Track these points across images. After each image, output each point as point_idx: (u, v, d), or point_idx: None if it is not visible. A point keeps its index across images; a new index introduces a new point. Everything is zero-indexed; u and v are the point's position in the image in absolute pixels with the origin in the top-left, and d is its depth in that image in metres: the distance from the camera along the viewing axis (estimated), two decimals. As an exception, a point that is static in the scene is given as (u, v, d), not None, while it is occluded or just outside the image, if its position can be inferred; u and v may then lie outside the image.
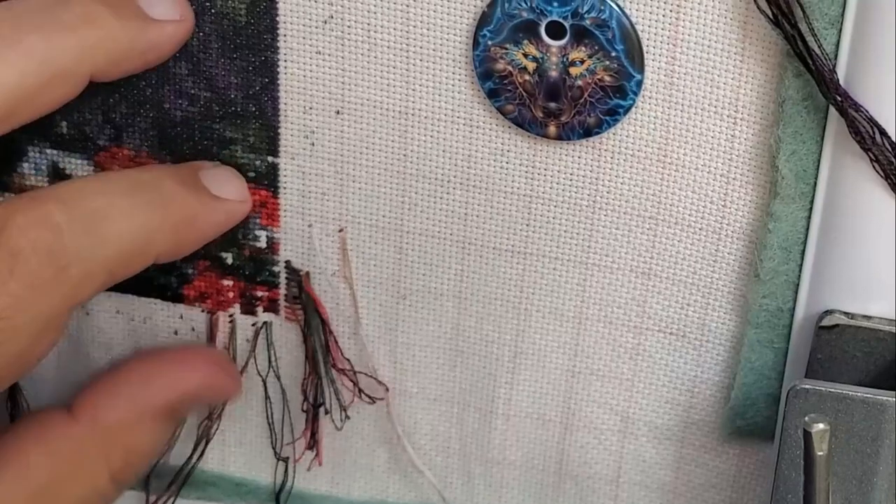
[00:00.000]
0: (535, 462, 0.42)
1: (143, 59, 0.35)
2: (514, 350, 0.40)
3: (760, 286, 0.36)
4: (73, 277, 0.33)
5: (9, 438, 0.36)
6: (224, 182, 0.37)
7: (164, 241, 0.35)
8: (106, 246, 0.34)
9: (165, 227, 0.35)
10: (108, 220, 0.34)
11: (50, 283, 0.33)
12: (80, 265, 0.33)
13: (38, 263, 0.33)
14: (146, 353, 0.39)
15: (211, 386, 0.39)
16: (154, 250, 0.35)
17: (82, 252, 0.33)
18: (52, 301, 0.33)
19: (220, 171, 0.37)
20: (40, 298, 0.33)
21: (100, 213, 0.34)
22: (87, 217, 0.34)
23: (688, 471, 0.41)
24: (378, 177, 0.38)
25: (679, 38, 0.34)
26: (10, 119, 0.33)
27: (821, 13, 0.32)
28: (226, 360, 0.40)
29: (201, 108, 0.37)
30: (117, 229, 0.34)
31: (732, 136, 0.35)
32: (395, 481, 0.43)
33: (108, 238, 0.34)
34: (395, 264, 0.39)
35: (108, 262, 0.34)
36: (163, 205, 0.35)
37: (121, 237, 0.34)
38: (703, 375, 0.39)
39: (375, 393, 0.41)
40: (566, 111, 0.35)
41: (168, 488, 0.42)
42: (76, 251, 0.33)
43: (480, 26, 0.34)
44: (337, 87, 0.36)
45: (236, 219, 0.38)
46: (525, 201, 0.37)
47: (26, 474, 0.35)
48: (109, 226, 0.34)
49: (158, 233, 0.35)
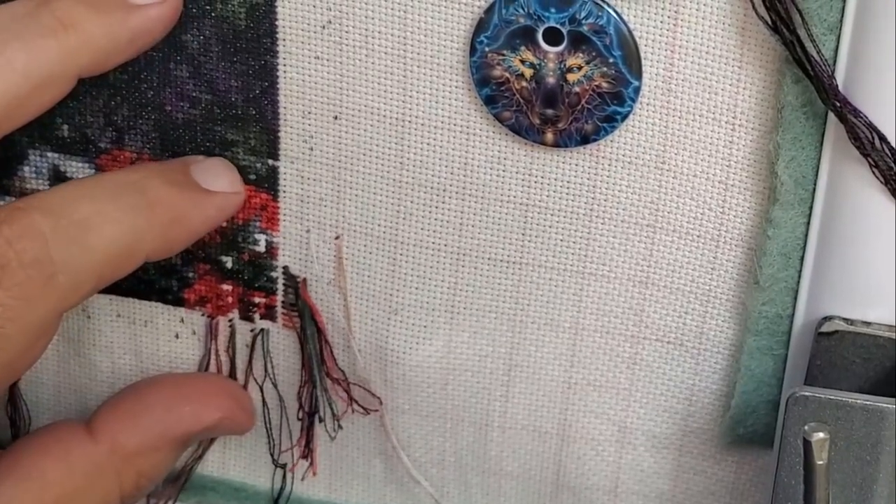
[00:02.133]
0: (532, 473, 0.41)
1: (131, 47, 0.35)
2: (508, 363, 0.39)
3: (760, 293, 0.36)
4: (62, 285, 0.34)
5: (28, 450, 0.37)
6: (215, 175, 0.37)
7: (153, 241, 0.35)
8: (93, 252, 0.34)
9: (153, 227, 0.35)
10: (95, 226, 0.34)
11: (38, 293, 0.33)
12: (67, 273, 0.34)
13: (25, 275, 0.33)
14: (168, 380, 0.40)
15: (229, 421, 0.39)
16: (143, 251, 0.35)
17: (69, 260, 0.34)
18: (41, 310, 0.33)
19: (210, 164, 0.37)
20: (29, 308, 0.33)
21: (86, 221, 0.34)
22: (73, 225, 0.34)
23: (686, 479, 0.40)
24: (374, 184, 0.37)
25: (677, 44, 0.34)
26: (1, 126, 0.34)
27: (819, 19, 0.32)
28: (243, 394, 0.40)
29: (202, 111, 0.37)
30: (104, 235, 0.34)
31: (731, 143, 0.35)
32: (392, 490, 0.42)
33: (95, 244, 0.34)
34: (389, 276, 0.39)
35: (96, 268, 0.34)
36: (149, 206, 0.35)
37: (108, 242, 0.34)
38: (702, 384, 0.39)
39: (369, 404, 0.40)
40: (563, 118, 0.35)
41: (167, 492, 0.42)
42: (63, 260, 0.33)
43: (477, 32, 0.34)
44: (335, 92, 0.36)
45: (229, 211, 0.38)
46: (521, 209, 0.37)
47: (43, 487, 0.36)
48: (96, 232, 0.34)
49: (146, 234, 0.35)
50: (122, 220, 0.35)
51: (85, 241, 0.34)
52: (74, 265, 0.34)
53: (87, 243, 0.34)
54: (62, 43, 0.34)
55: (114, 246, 0.34)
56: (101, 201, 0.35)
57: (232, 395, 0.40)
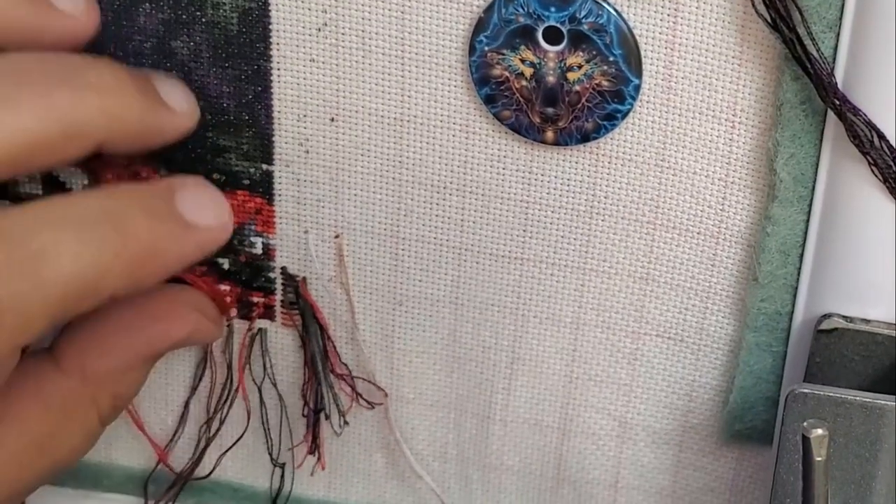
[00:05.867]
0: (532, 467, 0.41)
1: (146, 139, 0.35)
2: (511, 356, 0.40)
3: (759, 290, 0.36)
4: (9, 325, 0.31)
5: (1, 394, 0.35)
6: (202, 206, 0.36)
7: (118, 278, 0.33)
8: (45, 289, 0.31)
9: (121, 263, 0.32)
10: (51, 260, 0.31)
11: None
12: (15, 312, 0.31)
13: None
14: (130, 301, 0.37)
15: (197, 332, 0.38)
16: (106, 289, 0.33)
17: (19, 297, 0.31)
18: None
19: (198, 193, 0.36)
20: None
21: (41, 253, 0.31)
22: (27, 258, 0.31)
23: (686, 475, 0.40)
24: (374, 183, 0.37)
25: (677, 42, 0.34)
26: (18, 167, 0.32)
27: (819, 17, 0.32)
28: (209, 305, 0.39)
29: None
30: (60, 270, 0.31)
31: (730, 140, 0.35)
32: (393, 486, 0.43)
33: (50, 281, 0.31)
34: (392, 270, 0.39)
35: (48, 307, 0.31)
36: (120, 240, 0.33)
37: (64, 279, 0.31)
38: (702, 379, 0.39)
39: (374, 398, 0.41)
40: (564, 116, 0.35)
41: (166, 494, 0.42)
42: (10, 296, 0.31)
43: (477, 32, 0.34)
44: (331, 94, 0.36)
45: (210, 248, 0.36)
46: (522, 207, 0.37)
47: (23, 427, 0.35)
48: (52, 267, 0.31)
49: (112, 270, 0.32)
50: (85, 253, 0.32)
51: (39, 276, 0.31)
52: (26, 303, 0.31)
53: (40, 278, 0.31)
54: (103, 103, 0.33)
55: (71, 282, 0.31)
56: (63, 230, 0.32)
57: (198, 307, 0.38)
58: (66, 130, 0.32)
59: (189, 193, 0.35)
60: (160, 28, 0.36)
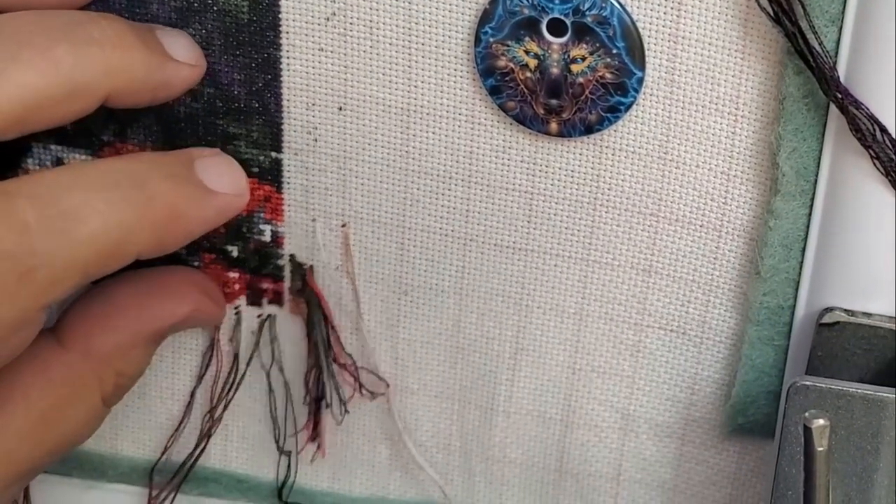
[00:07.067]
0: (535, 459, 0.42)
1: (154, 93, 0.35)
2: (514, 347, 0.40)
3: (761, 283, 0.36)
4: (41, 281, 0.32)
5: (5, 371, 0.35)
6: (220, 174, 0.36)
7: (145, 239, 0.34)
8: (78, 247, 0.32)
9: (145, 224, 0.34)
10: (83, 219, 0.32)
11: (13, 288, 0.31)
12: (48, 268, 0.32)
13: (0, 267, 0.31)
14: (134, 278, 0.38)
15: (200, 312, 0.39)
16: (133, 249, 0.34)
17: (51, 254, 0.32)
18: (16, 306, 0.32)
19: (217, 162, 0.36)
20: (2, 304, 0.31)
21: (73, 212, 0.32)
22: (60, 216, 0.32)
23: (688, 468, 0.41)
24: (380, 173, 0.38)
25: (680, 35, 0.34)
26: (24, 124, 0.33)
27: (821, 10, 0.32)
28: (212, 286, 0.39)
29: (205, 104, 0.37)
30: (92, 229, 0.32)
31: (733, 133, 0.35)
32: (397, 478, 0.43)
33: (82, 239, 0.32)
34: (397, 260, 0.39)
35: (80, 264, 0.32)
36: (145, 201, 0.34)
37: (95, 238, 0.32)
38: (704, 373, 0.39)
39: (376, 388, 0.41)
40: (567, 108, 0.35)
41: (170, 483, 0.42)
42: (44, 253, 0.32)
43: (482, 23, 0.35)
44: (339, 83, 0.37)
45: (228, 214, 0.36)
46: (526, 198, 0.37)
47: (28, 404, 0.36)
48: (83, 226, 0.32)
49: (138, 231, 0.33)
50: (114, 213, 0.33)
51: (71, 234, 0.32)
52: (57, 260, 0.32)
53: (73, 237, 0.32)
54: (107, 58, 0.33)
55: (102, 241, 0.33)
56: (94, 191, 0.33)
57: (201, 287, 0.39)
58: (71, 86, 0.33)
59: (207, 161, 0.36)
60: (172, 15, 0.36)
